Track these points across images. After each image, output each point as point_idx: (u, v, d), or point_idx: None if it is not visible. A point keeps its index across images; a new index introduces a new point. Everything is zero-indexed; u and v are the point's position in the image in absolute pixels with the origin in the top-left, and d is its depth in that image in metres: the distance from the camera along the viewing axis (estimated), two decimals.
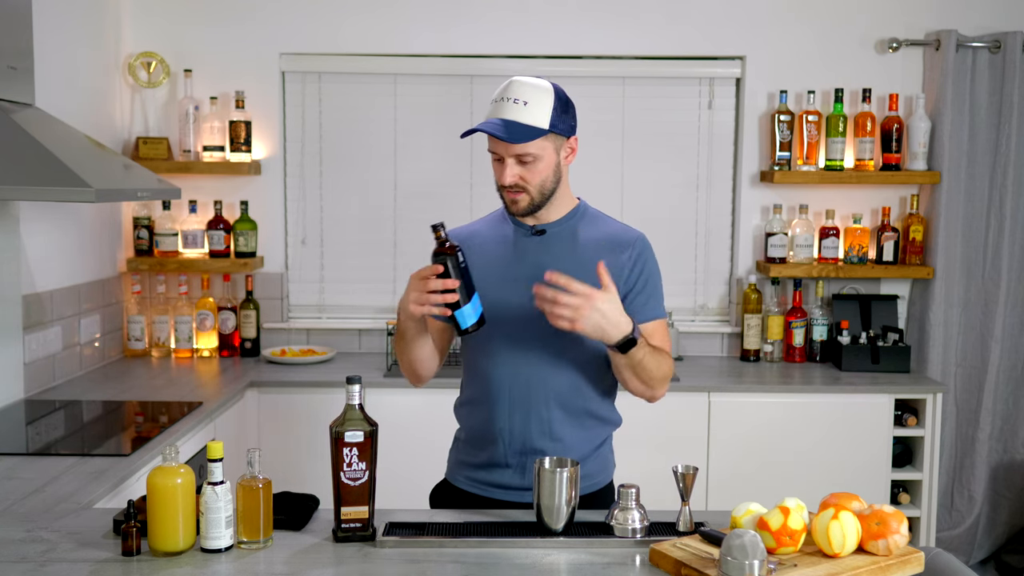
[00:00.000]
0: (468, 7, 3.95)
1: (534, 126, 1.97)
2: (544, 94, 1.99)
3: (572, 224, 2.11)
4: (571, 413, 2.07)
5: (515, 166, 2.00)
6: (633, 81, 4.04)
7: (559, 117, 2.00)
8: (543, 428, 2.06)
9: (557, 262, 2.03)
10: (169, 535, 1.71)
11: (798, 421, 3.57)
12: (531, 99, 1.97)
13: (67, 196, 2.41)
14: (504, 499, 2.09)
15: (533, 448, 2.06)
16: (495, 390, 2.08)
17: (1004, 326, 4.00)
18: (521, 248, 2.10)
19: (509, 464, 2.08)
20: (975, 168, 3.97)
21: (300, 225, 4.10)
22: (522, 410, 2.06)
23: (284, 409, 3.50)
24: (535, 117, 1.97)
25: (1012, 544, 4.09)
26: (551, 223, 2.10)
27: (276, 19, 3.95)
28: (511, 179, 2.00)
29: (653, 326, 2.06)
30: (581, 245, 2.08)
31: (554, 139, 2.01)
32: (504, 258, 2.10)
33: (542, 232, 2.09)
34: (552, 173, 2.03)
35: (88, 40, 3.61)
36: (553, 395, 2.05)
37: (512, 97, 1.98)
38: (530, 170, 2.00)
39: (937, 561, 1.77)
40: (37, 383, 3.20)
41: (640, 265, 2.09)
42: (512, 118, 1.96)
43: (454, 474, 2.20)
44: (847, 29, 3.98)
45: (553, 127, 1.98)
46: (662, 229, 4.11)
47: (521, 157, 1.99)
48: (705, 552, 1.67)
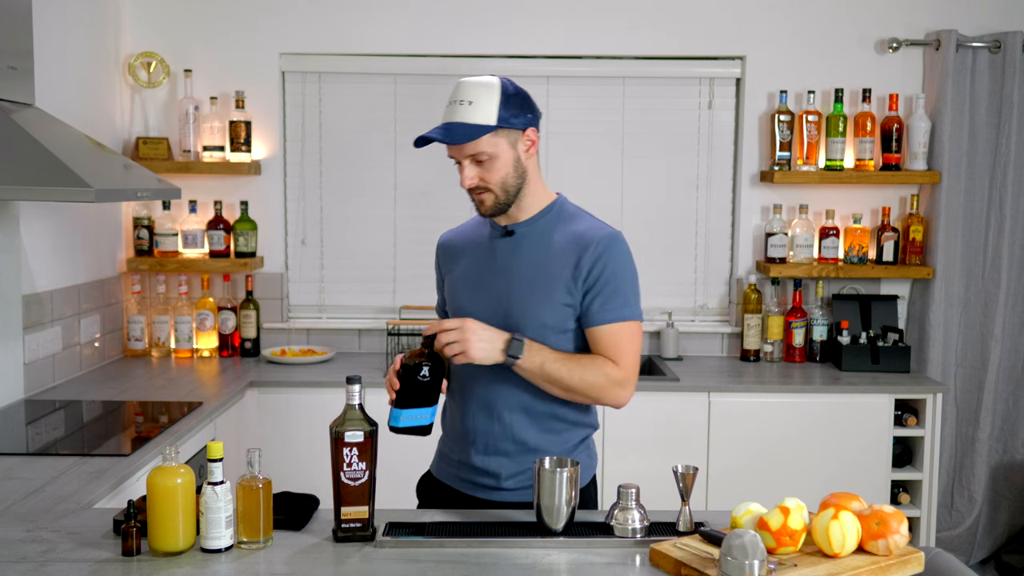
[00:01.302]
0: (468, 7, 3.95)
1: (479, 124, 1.94)
2: (488, 90, 1.96)
3: (544, 223, 2.07)
4: (535, 417, 2.05)
5: (472, 167, 1.99)
6: (633, 81, 4.04)
7: (507, 111, 1.96)
8: (505, 431, 2.05)
9: (523, 263, 2.03)
10: (169, 535, 1.71)
11: (798, 421, 3.57)
12: (476, 97, 1.95)
13: (67, 196, 2.41)
14: (475, 495, 2.10)
15: (497, 450, 2.06)
16: (463, 392, 2.10)
17: (1004, 326, 4.00)
18: (492, 250, 2.09)
19: (477, 463, 2.08)
20: (975, 168, 3.97)
21: (300, 225, 4.11)
22: (486, 413, 2.06)
23: (284, 409, 3.50)
24: (481, 115, 1.95)
25: (1012, 544, 4.09)
26: (521, 223, 2.07)
27: (276, 19, 3.95)
28: (470, 181, 1.99)
29: (608, 330, 1.99)
30: (546, 246, 2.04)
31: (506, 134, 1.97)
32: (477, 260, 2.10)
33: (511, 233, 2.07)
34: (513, 169, 2.00)
35: (88, 40, 3.61)
36: (516, 399, 2.04)
37: (458, 99, 1.97)
38: (488, 169, 1.98)
39: (937, 561, 1.77)
40: (37, 383, 3.20)
41: (600, 265, 1.99)
42: (457, 120, 1.95)
43: (437, 466, 2.21)
44: (847, 29, 3.98)
45: (502, 122, 1.95)
46: (662, 229, 4.12)
47: (476, 157, 1.97)
48: (705, 552, 1.67)
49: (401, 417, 1.95)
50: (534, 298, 2.00)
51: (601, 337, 2.00)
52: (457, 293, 2.11)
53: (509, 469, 2.06)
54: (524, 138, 2.01)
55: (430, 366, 1.93)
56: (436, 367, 1.94)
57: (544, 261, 2.02)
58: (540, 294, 2.00)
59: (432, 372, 1.93)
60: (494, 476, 2.07)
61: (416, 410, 1.95)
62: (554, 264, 2.01)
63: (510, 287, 2.03)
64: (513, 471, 2.06)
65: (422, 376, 1.92)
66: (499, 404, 2.05)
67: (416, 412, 1.95)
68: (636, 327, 2.03)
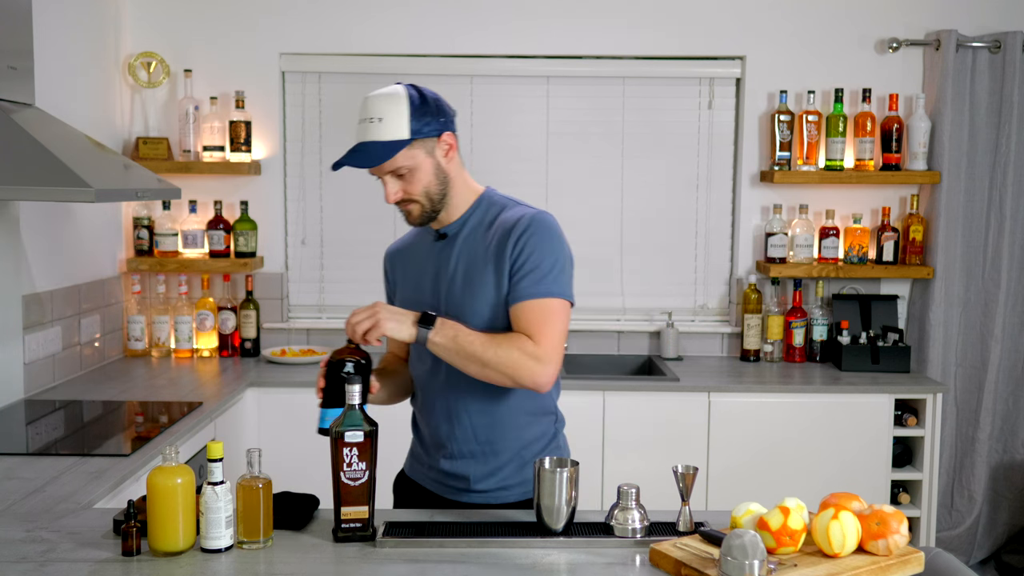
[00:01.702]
0: (468, 7, 3.95)
1: (393, 140, 1.91)
2: (397, 103, 1.93)
3: (473, 219, 2.05)
4: (496, 417, 2.04)
5: (394, 182, 1.97)
6: (633, 81, 4.04)
7: (419, 121, 1.93)
8: (469, 435, 2.05)
9: (458, 262, 2.02)
10: (169, 535, 1.71)
11: (798, 421, 3.57)
12: (385, 113, 1.92)
13: (67, 196, 2.41)
14: (446, 496, 2.10)
15: (464, 454, 2.06)
16: (424, 398, 2.10)
17: (1004, 326, 4.00)
18: (429, 255, 2.09)
19: (442, 466, 2.08)
20: (975, 168, 3.97)
21: (300, 225, 4.10)
22: (448, 419, 2.06)
23: (284, 409, 3.50)
24: (392, 130, 1.92)
25: (1012, 544, 4.09)
26: (451, 224, 2.05)
27: (276, 19, 3.95)
28: (394, 196, 1.97)
29: (526, 307, 1.94)
30: (476, 241, 2.03)
31: (422, 144, 1.95)
32: (418, 267, 2.10)
33: (443, 236, 2.06)
34: (435, 177, 1.98)
35: (88, 40, 3.61)
36: (472, 400, 2.03)
37: (367, 117, 1.93)
38: (410, 181, 1.96)
39: (937, 561, 1.77)
40: (37, 383, 3.20)
41: (521, 245, 1.95)
42: (370, 139, 1.92)
43: (410, 466, 2.21)
44: (847, 29, 3.98)
45: (415, 133, 1.93)
46: (662, 229, 4.12)
47: (395, 172, 1.95)
48: (705, 552, 1.67)
49: (327, 417, 1.89)
50: (471, 293, 1.99)
51: (520, 314, 1.94)
52: (404, 302, 2.10)
53: (479, 472, 2.06)
54: (441, 144, 1.99)
55: (354, 362, 1.89)
56: (361, 363, 1.89)
57: (477, 256, 2.01)
58: (477, 289, 1.98)
59: (357, 368, 1.88)
60: (464, 479, 2.07)
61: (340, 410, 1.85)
62: (484, 258, 1.99)
63: (448, 288, 2.02)
64: (483, 473, 2.06)
65: (346, 372, 1.87)
66: (459, 408, 2.04)
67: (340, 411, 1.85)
68: (558, 304, 1.96)
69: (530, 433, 2.08)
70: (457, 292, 2.00)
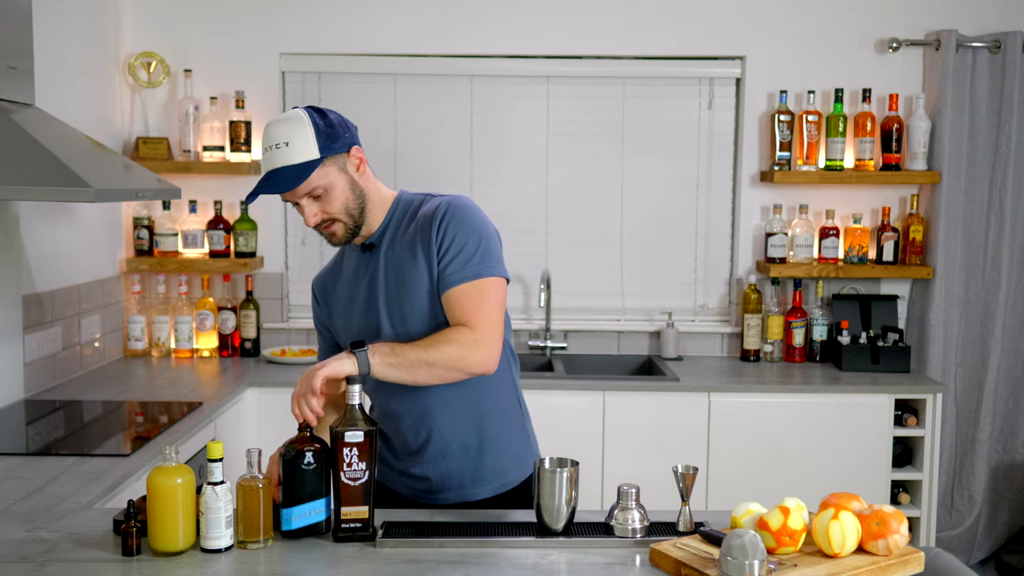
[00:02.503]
0: (468, 7, 3.95)
1: (304, 162, 1.89)
2: (300, 126, 1.90)
3: (392, 224, 2.04)
4: (451, 416, 2.04)
5: (311, 204, 1.94)
6: (633, 81, 4.04)
7: (326, 140, 1.91)
8: (427, 436, 2.05)
9: (387, 268, 2.01)
10: (169, 535, 1.71)
11: (798, 421, 3.57)
12: (291, 137, 1.89)
13: (67, 196, 2.41)
14: (418, 499, 2.10)
15: (426, 457, 2.06)
16: (384, 409, 2.09)
17: (1004, 326, 4.00)
18: (356, 270, 2.08)
19: (412, 471, 2.09)
20: (975, 168, 3.97)
21: (300, 225, 4.10)
22: (406, 423, 2.06)
23: (284, 409, 3.47)
24: (302, 153, 1.89)
25: (1012, 544, 4.09)
26: (374, 234, 2.04)
27: (276, 19, 3.95)
28: (314, 218, 1.95)
29: (458, 291, 1.93)
30: (401, 243, 2.02)
31: (333, 161, 1.93)
32: (348, 286, 2.08)
33: (370, 247, 2.05)
34: (351, 193, 1.96)
35: (88, 40, 3.61)
36: (426, 403, 2.02)
37: (272, 144, 1.90)
38: (327, 201, 1.94)
39: (937, 561, 1.77)
40: (37, 383, 3.20)
41: (442, 230, 1.95)
42: (279, 165, 1.89)
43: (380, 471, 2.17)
44: (847, 29, 3.98)
45: (325, 151, 1.91)
46: (662, 229, 4.12)
47: (311, 193, 1.93)
48: (705, 552, 1.67)
49: (293, 518, 1.77)
50: (407, 292, 1.97)
51: (452, 301, 1.93)
52: (339, 323, 2.10)
53: (451, 470, 2.06)
54: (351, 159, 1.97)
55: (313, 450, 1.77)
56: (319, 451, 1.77)
57: (404, 256, 2.00)
58: (412, 287, 1.97)
59: (316, 457, 1.77)
60: (437, 480, 2.07)
61: (307, 505, 1.77)
62: (412, 257, 1.98)
63: (384, 294, 2.01)
64: (455, 472, 2.06)
65: (306, 464, 1.76)
66: (425, 414, 2.03)
67: (308, 508, 1.78)
68: (489, 284, 1.95)
69: (497, 424, 2.09)
70: (393, 295, 1.99)
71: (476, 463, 2.07)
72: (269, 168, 1.91)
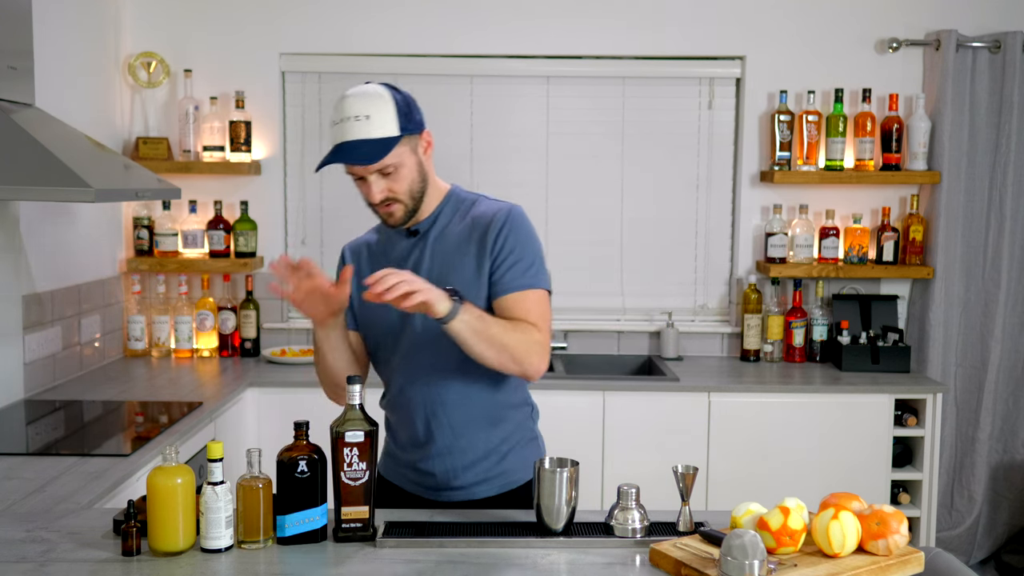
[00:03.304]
0: (468, 7, 3.95)
1: (384, 138, 1.90)
2: (383, 101, 1.92)
3: (443, 217, 2.06)
4: (473, 411, 2.05)
5: (379, 181, 1.95)
6: (633, 81, 4.04)
7: (406, 119, 1.93)
8: (447, 430, 2.05)
9: (430, 262, 2.02)
10: (169, 535, 1.71)
11: (798, 421, 3.57)
12: (372, 111, 1.90)
13: (67, 196, 2.41)
14: (427, 497, 2.10)
15: (441, 450, 2.06)
16: (399, 397, 2.08)
17: (1004, 326, 4.00)
18: (397, 253, 2.08)
19: (423, 467, 2.08)
20: (975, 168, 3.97)
21: (300, 225, 4.11)
22: (424, 415, 2.05)
23: (284, 409, 3.50)
24: (382, 128, 1.90)
25: (1012, 544, 4.09)
26: (423, 221, 2.06)
27: (276, 19, 3.95)
28: (380, 195, 1.95)
29: (518, 297, 1.97)
30: (450, 237, 2.03)
31: (408, 141, 1.95)
32: (384, 265, 2.05)
33: (415, 233, 2.06)
34: (417, 175, 1.98)
35: (88, 40, 3.61)
36: (450, 396, 2.03)
37: (352, 115, 1.90)
38: (395, 180, 1.95)
39: (937, 561, 1.77)
40: (37, 383, 3.20)
41: (502, 238, 1.98)
42: (360, 137, 1.89)
43: (385, 466, 2.19)
44: (847, 29, 3.98)
45: (404, 130, 1.92)
46: (662, 229, 4.12)
47: (383, 170, 1.94)
48: (705, 552, 1.67)
49: (287, 525, 1.76)
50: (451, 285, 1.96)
51: (514, 303, 1.96)
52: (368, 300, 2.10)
53: (458, 467, 2.06)
54: (422, 141, 1.99)
55: (307, 459, 1.76)
56: (314, 459, 1.77)
57: (450, 251, 2.01)
58: (457, 282, 1.97)
59: (311, 466, 1.76)
60: (443, 476, 2.07)
61: (302, 513, 1.77)
62: (460, 253, 2.00)
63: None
64: (462, 468, 2.06)
65: (300, 472, 1.75)
66: (436, 405, 2.04)
67: (302, 516, 1.77)
68: (545, 296, 2.02)
69: (509, 425, 2.09)
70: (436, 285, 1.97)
71: (484, 461, 2.07)
72: (344, 139, 1.91)
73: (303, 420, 1.81)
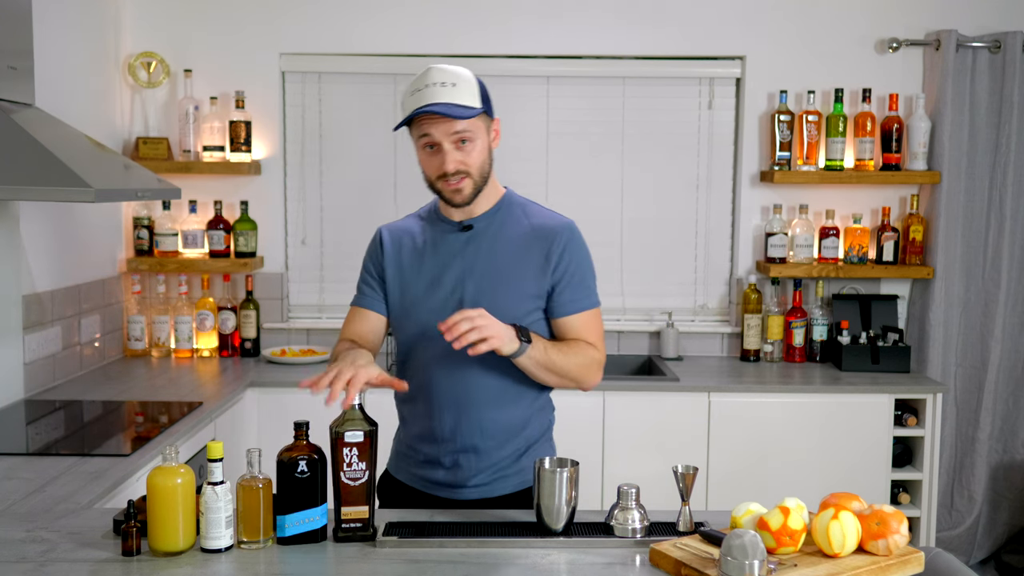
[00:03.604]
0: (468, 7, 3.95)
1: (469, 105, 1.94)
2: (468, 76, 1.98)
3: (499, 217, 2.08)
4: (504, 410, 2.06)
5: (454, 151, 1.97)
6: (633, 81, 4.04)
7: (484, 100, 1.99)
8: (475, 427, 2.05)
9: (483, 260, 2.03)
10: (169, 535, 1.71)
11: (798, 421, 3.57)
12: (458, 81, 1.95)
13: (67, 196, 2.41)
14: (439, 495, 2.09)
15: (465, 447, 2.05)
16: (429, 390, 2.07)
17: (1004, 326, 4.00)
18: (448, 246, 2.07)
19: (442, 463, 2.08)
20: (975, 168, 3.97)
21: (300, 225, 4.11)
22: (454, 410, 2.05)
23: (284, 409, 3.50)
24: (467, 97, 1.95)
25: (1012, 544, 4.09)
26: (478, 217, 2.07)
27: (276, 19, 3.95)
28: (454, 164, 1.97)
29: (581, 318, 2.04)
30: (507, 239, 2.05)
31: (484, 120, 2.00)
32: (432, 258, 2.07)
33: (469, 228, 2.07)
34: (487, 157, 2.02)
35: (88, 40, 3.61)
36: (485, 394, 2.04)
37: (439, 81, 1.94)
38: (469, 152, 1.98)
39: (937, 561, 1.77)
40: (37, 383, 3.20)
41: (567, 256, 2.03)
42: (445, 100, 1.92)
43: (396, 467, 2.18)
44: (847, 29, 3.98)
45: (484, 107, 1.98)
46: (662, 229, 4.12)
47: (460, 138, 1.96)
48: (705, 552, 1.67)
49: (287, 525, 1.77)
50: (500, 291, 2.00)
51: (578, 324, 2.03)
52: (409, 288, 2.08)
53: (478, 466, 2.06)
54: (494, 126, 2.05)
55: (307, 459, 1.76)
56: (314, 460, 1.77)
57: (505, 254, 2.03)
58: (506, 286, 2.00)
59: (311, 466, 1.76)
60: (465, 475, 2.06)
61: (302, 513, 1.77)
62: (517, 256, 2.02)
63: (472, 281, 2.02)
64: (482, 467, 2.06)
65: (300, 472, 1.76)
66: (470, 401, 2.03)
67: (302, 516, 1.77)
68: (599, 312, 2.10)
69: (534, 426, 2.11)
70: (485, 285, 2.01)
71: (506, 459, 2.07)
72: (431, 101, 1.93)
73: (303, 420, 1.81)
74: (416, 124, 1.99)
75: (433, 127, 1.95)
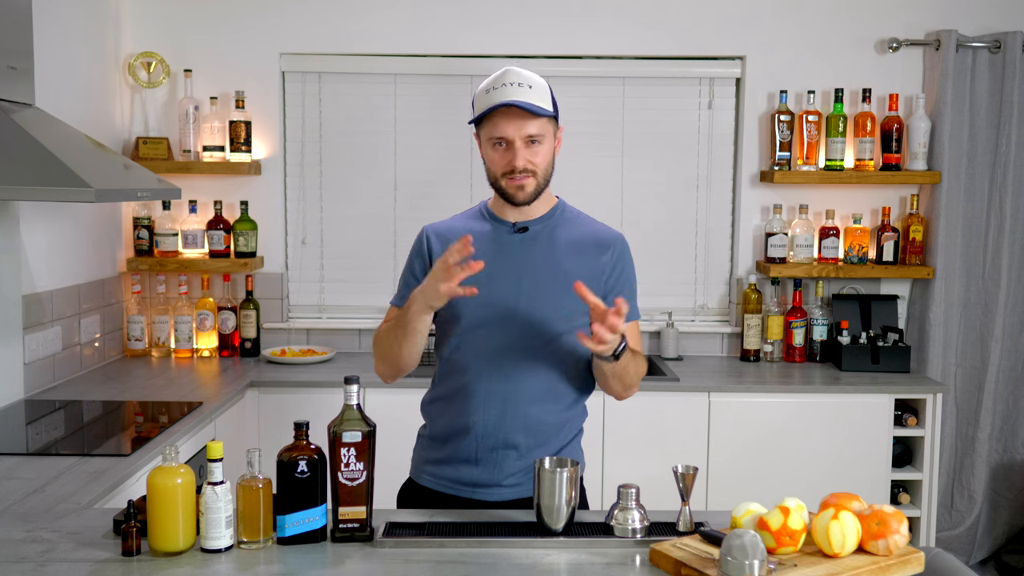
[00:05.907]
0: (469, 7, 3.95)
1: (543, 106, 2.01)
2: (543, 82, 2.05)
3: (553, 222, 2.12)
4: (548, 409, 2.07)
5: (524, 149, 2.02)
6: (633, 81, 4.04)
7: (555, 106, 2.06)
8: (519, 423, 2.05)
9: (538, 261, 2.06)
10: (169, 535, 1.71)
11: (798, 421, 3.57)
12: (533, 84, 2.02)
13: (67, 196, 2.41)
14: (472, 497, 2.09)
15: (507, 443, 2.05)
16: (473, 386, 2.06)
17: (1004, 326, 4.00)
18: (502, 246, 2.09)
19: (479, 460, 2.07)
20: (975, 168, 3.97)
21: (300, 225, 4.11)
22: (499, 405, 2.05)
23: (284, 409, 3.50)
24: (541, 99, 2.01)
25: (1012, 544, 4.09)
26: (533, 220, 2.10)
27: (276, 19, 3.95)
28: (523, 162, 2.01)
29: (629, 328, 2.05)
30: (561, 244, 2.09)
31: (553, 125, 2.07)
32: (485, 255, 2.04)
33: (524, 229, 2.09)
34: (551, 160, 2.09)
35: (88, 40, 3.61)
36: (532, 391, 2.05)
37: (515, 81, 2.01)
38: (537, 153, 2.03)
39: (937, 561, 1.77)
40: (37, 383, 3.20)
41: (620, 266, 2.12)
42: (522, 99, 1.98)
43: (419, 472, 2.18)
44: (847, 29, 3.98)
45: (555, 112, 2.05)
46: (662, 229, 4.12)
47: (531, 138, 2.01)
48: (705, 552, 1.67)
49: (286, 525, 1.76)
50: (553, 293, 2.03)
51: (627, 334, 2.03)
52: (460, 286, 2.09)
53: (515, 464, 2.06)
54: (559, 133, 2.12)
55: (307, 459, 1.76)
56: (314, 460, 1.77)
57: (559, 259, 2.07)
58: (559, 290, 2.02)
59: (311, 466, 1.76)
60: (498, 472, 2.06)
61: (302, 513, 1.77)
62: (573, 260, 2.06)
63: (529, 280, 2.05)
64: (517, 467, 2.06)
65: (300, 473, 1.75)
66: (516, 397, 2.05)
67: (302, 516, 1.77)
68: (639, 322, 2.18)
69: (570, 429, 2.13)
70: (539, 287, 2.04)
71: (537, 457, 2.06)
72: (508, 98, 1.98)
73: (303, 420, 1.81)
74: (489, 121, 2.02)
75: (508, 125, 2.00)
